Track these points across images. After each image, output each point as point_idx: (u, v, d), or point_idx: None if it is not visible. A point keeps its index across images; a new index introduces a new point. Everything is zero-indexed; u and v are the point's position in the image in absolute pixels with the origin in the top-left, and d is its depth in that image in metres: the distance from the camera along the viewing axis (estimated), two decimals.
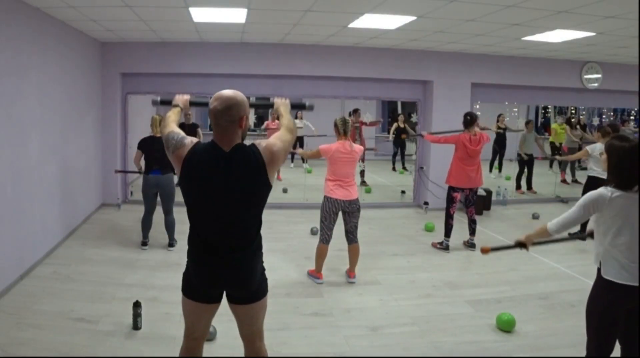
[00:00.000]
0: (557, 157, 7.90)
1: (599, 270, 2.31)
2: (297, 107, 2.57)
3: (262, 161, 1.94)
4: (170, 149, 2.00)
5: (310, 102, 2.54)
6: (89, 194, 6.24)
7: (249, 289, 2.06)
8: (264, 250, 2.16)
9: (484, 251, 2.85)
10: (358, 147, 4.25)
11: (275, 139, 2.05)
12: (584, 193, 5.60)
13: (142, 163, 5.11)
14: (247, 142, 2.07)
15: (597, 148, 5.57)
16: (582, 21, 4.73)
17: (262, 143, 2.00)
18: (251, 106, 2.11)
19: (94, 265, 4.55)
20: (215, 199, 1.94)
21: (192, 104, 2.40)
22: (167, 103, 2.38)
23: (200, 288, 2.06)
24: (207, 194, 1.95)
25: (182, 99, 2.32)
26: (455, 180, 5.31)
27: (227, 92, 1.96)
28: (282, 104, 2.32)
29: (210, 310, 2.14)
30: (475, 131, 5.28)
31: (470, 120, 5.30)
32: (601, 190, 2.25)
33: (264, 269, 2.16)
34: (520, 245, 2.65)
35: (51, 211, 4.89)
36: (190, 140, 2.00)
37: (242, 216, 1.99)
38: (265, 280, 2.16)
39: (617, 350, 2.38)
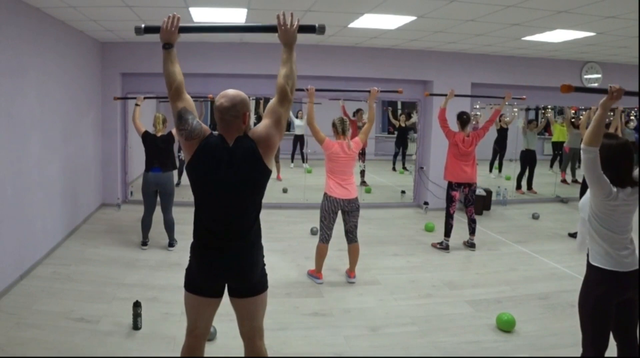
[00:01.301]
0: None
1: (587, 257, 2.35)
2: (306, 30, 2.17)
3: (258, 152, 2.05)
4: (184, 134, 2.04)
5: (320, 24, 2.19)
6: (89, 194, 6.24)
7: (249, 280, 2.11)
8: (264, 250, 2.19)
9: (565, 89, 2.42)
10: (355, 144, 4.21)
11: (265, 121, 2.12)
12: (581, 191, 5.65)
13: (142, 166, 5.11)
14: None
15: None
16: (582, 21, 4.73)
17: (256, 131, 2.09)
18: (252, 30, 2.07)
19: (94, 265, 4.55)
20: (220, 189, 2.04)
21: (182, 30, 2.18)
22: (153, 31, 2.17)
23: (202, 281, 2.11)
24: (212, 183, 2.05)
25: (169, 31, 2.13)
26: (452, 174, 5.33)
27: (232, 91, 2.09)
28: (287, 33, 2.12)
29: (212, 305, 2.17)
30: (469, 131, 5.33)
31: (466, 120, 5.37)
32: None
33: (264, 264, 2.20)
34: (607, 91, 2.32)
35: (51, 211, 4.89)
36: (204, 130, 2.06)
37: (244, 203, 2.08)
38: (266, 275, 2.21)
39: (614, 350, 2.39)
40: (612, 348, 2.36)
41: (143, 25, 2.21)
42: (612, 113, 9.02)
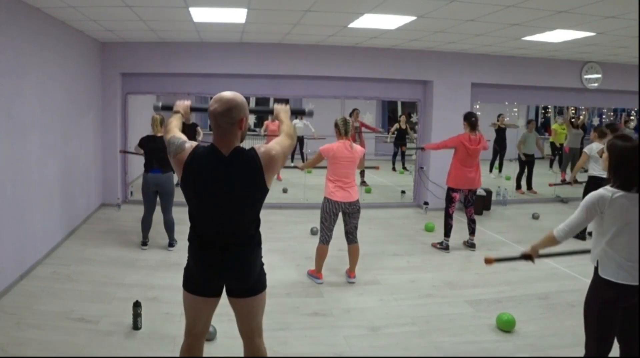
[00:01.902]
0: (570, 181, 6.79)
1: (596, 269, 2.31)
2: (297, 113, 2.57)
3: (260, 165, 1.98)
4: (172, 154, 2.06)
5: (310, 108, 2.49)
6: (89, 194, 6.24)
7: (247, 281, 2.10)
8: (264, 250, 2.19)
9: (488, 261, 2.76)
10: (359, 148, 4.24)
11: (274, 144, 2.07)
12: (585, 193, 5.63)
13: (141, 166, 5.11)
14: (247, 143, 2.10)
15: (594, 147, 5.61)
16: (582, 21, 4.73)
17: (261, 148, 2.03)
18: (251, 112, 2.16)
19: (94, 265, 4.55)
20: (215, 202, 2.00)
21: (193, 110, 2.43)
22: (168, 109, 2.41)
23: (200, 281, 2.11)
24: (207, 196, 2.00)
25: (182, 105, 2.36)
26: (455, 182, 5.30)
27: (227, 94, 1.98)
28: (282, 111, 2.31)
29: (210, 304, 2.17)
30: (476, 133, 5.29)
31: (475, 121, 5.28)
32: (601, 191, 2.25)
33: (262, 264, 2.19)
34: (526, 257, 2.55)
35: (51, 211, 4.89)
36: (190, 144, 2.04)
37: (240, 217, 2.04)
38: (264, 275, 2.21)
39: (615, 350, 2.38)
40: (613, 348, 2.36)
41: (160, 104, 2.49)
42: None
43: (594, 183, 5.48)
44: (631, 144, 2.24)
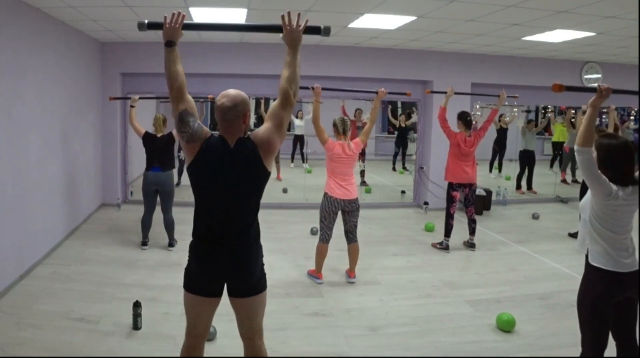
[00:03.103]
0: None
1: (586, 257, 2.35)
2: (312, 31, 2.18)
3: (259, 154, 2.06)
4: (185, 137, 2.05)
5: (326, 26, 2.20)
6: (89, 194, 6.24)
7: (248, 280, 2.11)
8: (264, 250, 2.19)
9: (557, 88, 2.46)
10: (355, 143, 4.22)
11: (267, 124, 2.11)
12: (581, 191, 5.65)
13: (142, 166, 5.11)
14: None
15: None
16: (582, 21, 4.73)
17: (257, 134, 2.09)
18: (256, 29, 2.23)
19: (94, 265, 4.55)
20: (220, 189, 2.06)
21: (186, 27, 2.15)
22: (156, 27, 2.15)
23: (201, 281, 2.12)
24: (213, 184, 2.07)
25: (172, 27, 2.10)
26: (453, 175, 5.32)
27: (233, 91, 2.10)
28: (292, 34, 2.12)
29: (211, 305, 2.17)
30: (470, 131, 5.32)
31: (470, 121, 5.34)
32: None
33: (263, 264, 2.20)
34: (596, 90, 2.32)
35: (51, 211, 4.89)
36: (205, 132, 2.07)
37: (243, 203, 2.10)
38: (265, 274, 2.22)
39: (613, 350, 2.39)
40: (611, 348, 2.36)
41: (147, 21, 2.18)
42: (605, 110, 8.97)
43: None
44: (616, 141, 2.30)
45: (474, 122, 5.48)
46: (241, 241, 2.09)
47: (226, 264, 2.07)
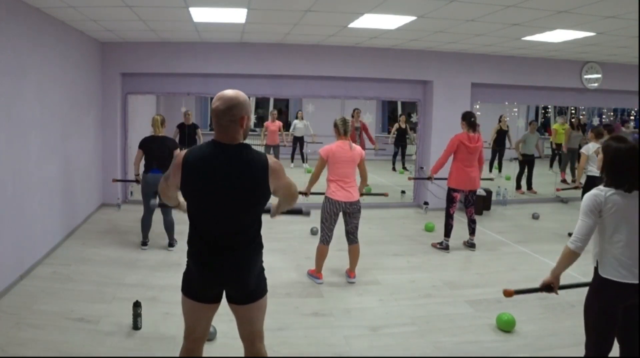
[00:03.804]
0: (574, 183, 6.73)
1: (595, 269, 2.32)
2: (293, 213, 2.57)
3: (267, 167, 1.99)
4: (167, 176, 2.13)
5: (306, 209, 2.62)
6: (89, 194, 6.24)
7: (247, 287, 2.08)
8: (264, 251, 2.17)
9: (507, 294, 2.67)
10: (358, 148, 4.24)
11: (280, 182, 2.11)
12: (584, 193, 5.64)
13: (142, 165, 5.11)
14: (247, 142, 2.10)
15: (591, 147, 5.67)
16: (582, 21, 4.73)
17: (273, 166, 2.03)
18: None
19: (94, 265, 4.55)
20: (216, 194, 1.96)
21: None
22: (165, 207, 2.46)
23: (200, 288, 2.08)
24: (208, 188, 1.97)
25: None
26: (456, 182, 5.29)
27: (229, 92, 1.99)
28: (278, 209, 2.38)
29: (210, 310, 2.15)
30: (475, 134, 5.27)
31: (474, 121, 5.24)
32: (594, 191, 2.28)
33: (262, 269, 2.17)
34: (547, 288, 2.46)
35: (51, 211, 4.89)
36: (178, 159, 2.04)
37: (242, 215, 2.02)
38: (264, 279, 2.18)
39: (615, 351, 2.38)
40: (613, 348, 2.35)
41: (158, 202, 2.54)
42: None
43: (592, 183, 5.51)
44: (625, 145, 2.28)
45: (478, 125, 5.41)
46: (239, 251, 2.03)
47: (223, 273, 2.02)
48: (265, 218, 2.18)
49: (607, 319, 2.25)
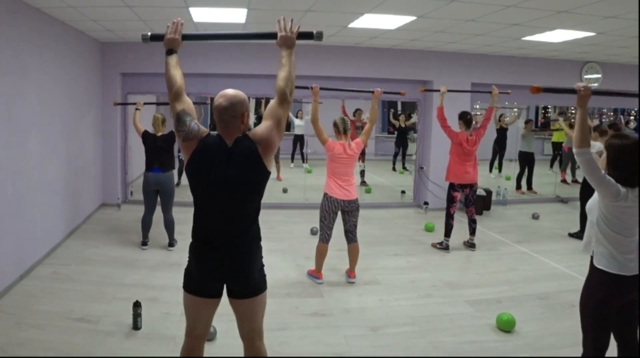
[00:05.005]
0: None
1: (591, 258, 2.34)
2: (305, 36, 2.27)
3: (258, 152, 2.05)
4: (182, 135, 2.07)
5: (318, 30, 2.30)
6: (89, 194, 6.25)
7: (248, 281, 2.11)
8: (264, 251, 2.19)
9: (535, 90, 2.37)
10: (355, 145, 4.22)
11: (265, 122, 2.14)
12: (581, 191, 5.64)
13: (142, 166, 5.12)
14: None
15: (596, 146, 5.63)
16: (582, 21, 4.73)
17: (256, 132, 2.09)
18: (249, 37, 2.16)
19: (94, 265, 4.55)
20: (218, 188, 2.04)
21: (185, 38, 2.26)
22: (158, 39, 2.27)
23: (201, 282, 2.11)
24: (211, 182, 2.05)
25: (172, 38, 2.20)
26: (454, 176, 5.32)
27: (231, 91, 2.10)
28: (286, 39, 2.19)
29: (211, 305, 2.17)
30: (471, 131, 5.32)
31: (469, 120, 5.35)
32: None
33: (263, 265, 2.20)
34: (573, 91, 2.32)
35: (51, 211, 4.89)
36: (202, 132, 2.08)
37: (243, 203, 2.09)
38: (264, 276, 2.21)
39: (614, 350, 2.39)
40: (612, 348, 2.36)
41: (149, 34, 2.30)
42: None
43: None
44: (628, 141, 2.28)
45: (474, 122, 5.48)
46: (240, 243, 2.08)
47: (225, 266, 2.06)
48: (265, 218, 2.18)
49: (603, 316, 2.26)
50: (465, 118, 5.36)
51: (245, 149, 2.05)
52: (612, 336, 2.34)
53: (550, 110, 12.23)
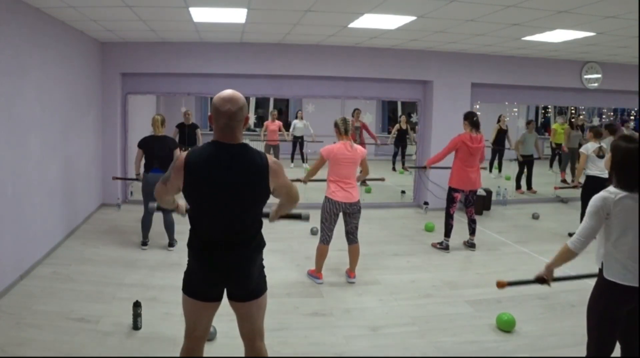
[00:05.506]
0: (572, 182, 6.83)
1: (600, 270, 2.31)
2: (293, 218, 2.63)
3: (267, 166, 2.03)
4: (167, 179, 2.09)
5: (305, 214, 2.67)
6: (89, 194, 6.24)
7: (248, 285, 2.10)
8: (264, 251, 2.19)
9: (500, 285, 2.68)
10: (360, 148, 4.24)
11: (280, 181, 2.14)
12: (583, 192, 5.65)
13: (142, 163, 5.11)
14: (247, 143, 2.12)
15: (590, 147, 5.66)
16: (582, 21, 4.73)
17: (273, 166, 2.07)
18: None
19: (94, 265, 4.55)
20: (220, 194, 1.99)
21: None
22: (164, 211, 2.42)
23: (201, 286, 2.10)
24: (212, 189, 1.99)
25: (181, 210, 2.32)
26: (457, 182, 5.29)
27: (233, 94, 2.02)
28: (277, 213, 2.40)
29: (211, 309, 2.16)
30: (478, 133, 5.26)
31: (477, 121, 5.21)
32: (604, 194, 2.24)
33: (263, 266, 2.19)
34: (541, 280, 2.47)
35: (51, 211, 4.89)
36: (179, 161, 2.04)
37: (243, 214, 2.05)
38: (264, 277, 2.21)
39: (617, 351, 2.38)
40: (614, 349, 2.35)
41: (156, 205, 2.46)
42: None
43: (591, 182, 5.52)
44: (634, 145, 2.24)
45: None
46: (241, 247, 2.06)
47: (224, 271, 2.05)
48: (264, 222, 2.18)
49: (610, 321, 2.24)
50: (471, 119, 5.20)
51: (253, 156, 2.02)
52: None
53: (550, 110, 12.23)
